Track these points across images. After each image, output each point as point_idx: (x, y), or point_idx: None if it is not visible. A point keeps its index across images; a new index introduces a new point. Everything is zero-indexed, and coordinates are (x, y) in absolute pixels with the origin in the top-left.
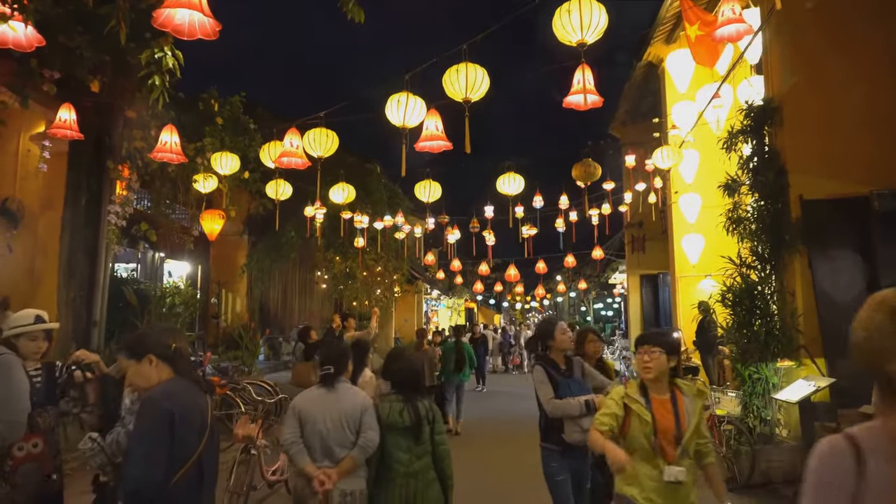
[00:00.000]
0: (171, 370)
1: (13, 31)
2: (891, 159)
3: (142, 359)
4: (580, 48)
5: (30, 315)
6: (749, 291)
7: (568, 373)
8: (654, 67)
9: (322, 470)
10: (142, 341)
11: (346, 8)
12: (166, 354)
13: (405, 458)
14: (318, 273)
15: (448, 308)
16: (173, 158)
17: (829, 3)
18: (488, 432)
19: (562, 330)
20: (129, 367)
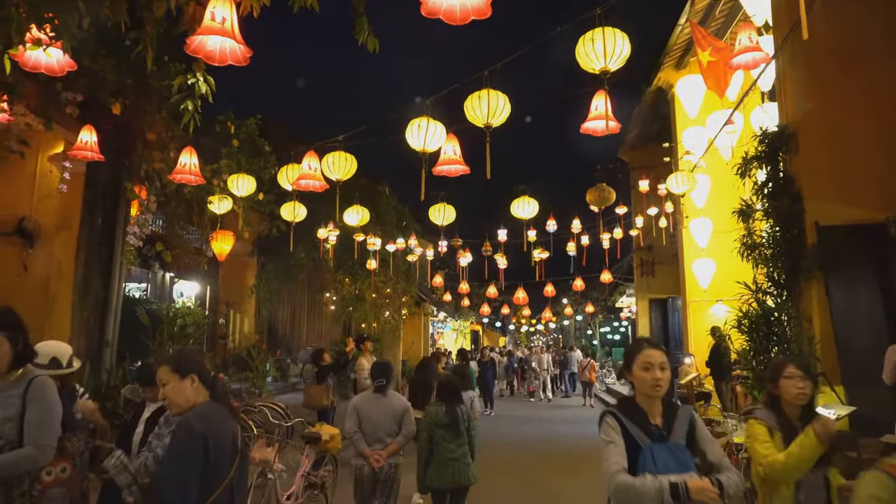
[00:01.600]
0: (208, 394)
1: (48, 56)
2: None
3: (185, 377)
4: (603, 76)
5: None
6: (766, 317)
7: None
8: (663, 92)
9: (376, 451)
10: (188, 359)
11: (361, 37)
12: (207, 378)
13: (450, 447)
14: (328, 294)
15: (454, 330)
16: (192, 180)
17: (842, 29)
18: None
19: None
20: (169, 381)
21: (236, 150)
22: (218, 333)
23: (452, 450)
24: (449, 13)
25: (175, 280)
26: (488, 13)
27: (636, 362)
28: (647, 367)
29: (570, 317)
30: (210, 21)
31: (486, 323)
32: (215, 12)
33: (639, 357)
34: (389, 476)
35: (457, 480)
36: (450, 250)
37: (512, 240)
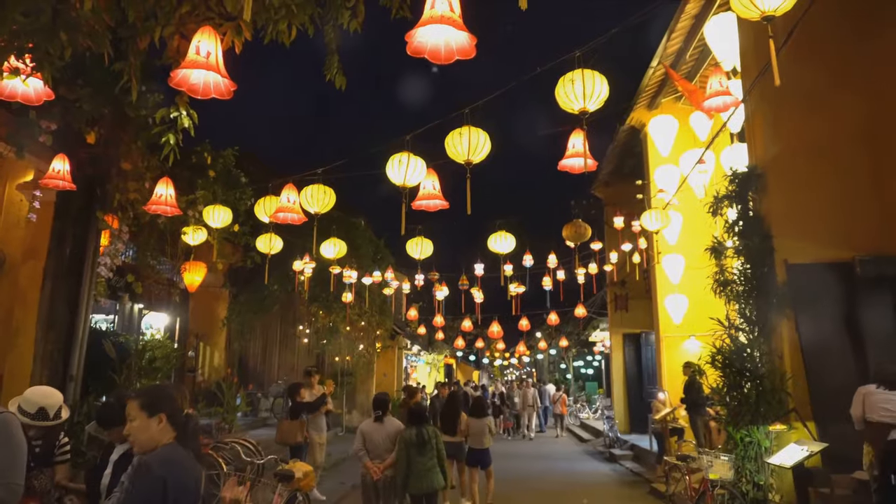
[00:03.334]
0: (176, 435)
1: (25, 85)
2: (873, 226)
3: (153, 415)
4: (582, 116)
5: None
6: (738, 353)
7: None
8: (636, 131)
9: (376, 464)
10: (159, 397)
11: (330, 74)
12: (177, 419)
13: (423, 460)
14: (301, 327)
15: (427, 364)
16: (167, 211)
17: (806, 75)
18: None
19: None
20: (136, 418)
21: (212, 181)
22: (186, 367)
23: (424, 462)
24: (434, 53)
25: (144, 312)
26: (473, 54)
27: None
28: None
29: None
30: (195, 55)
31: (460, 356)
32: (200, 46)
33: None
34: (387, 483)
35: (430, 486)
36: (426, 284)
37: (489, 274)
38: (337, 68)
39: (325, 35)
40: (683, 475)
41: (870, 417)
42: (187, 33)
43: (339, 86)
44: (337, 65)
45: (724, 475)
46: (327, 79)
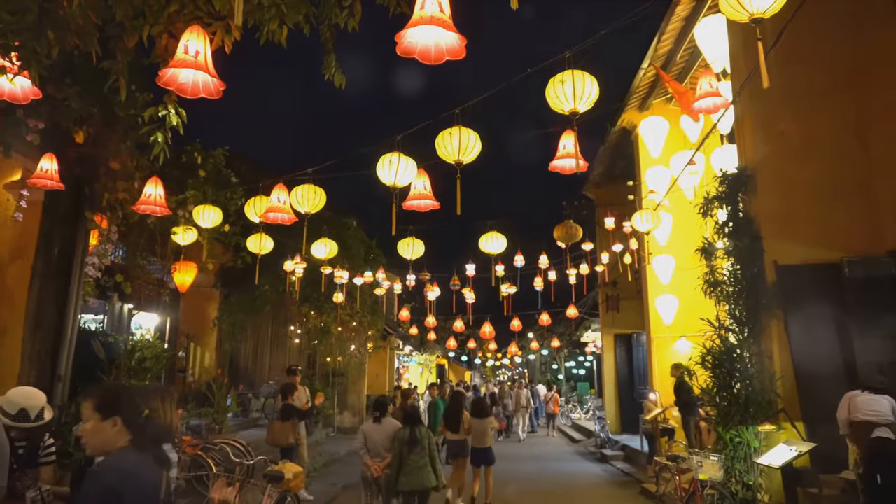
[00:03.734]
0: (130, 439)
1: (12, 84)
2: (861, 227)
3: (107, 418)
4: (572, 116)
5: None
6: (728, 354)
7: None
8: (627, 133)
9: (376, 462)
10: (115, 399)
11: (328, 73)
12: (134, 421)
13: (415, 459)
14: (292, 328)
15: (419, 364)
16: (157, 211)
17: (796, 78)
18: None
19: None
20: (89, 419)
21: (203, 180)
22: (176, 367)
23: (416, 460)
24: (424, 53)
25: (134, 312)
26: (463, 54)
27: None
28: None
29: (535, 351)
30: (183, 54)
31: (452, 357)
32: (189, 45)
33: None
34: (388, 481)
35: (421, 484)
36: (418, 284)
37: (480, 274)
38: (335, 67)
39: (320, 34)
40: (673, 475)
41: (854, 417)
42: (176, 32)
43: (338, 84)
44: (335, 64)
45: (714, 475)
46: (326, 78)
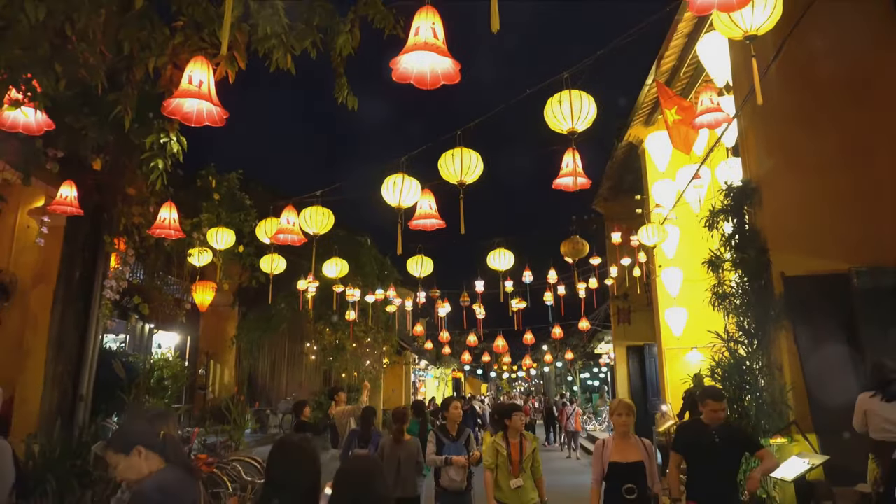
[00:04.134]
0: (161, 459)
1: (25, 115)
2: (868, 237)
3: (129, 452)
4: (571, 136)
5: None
6: (738, 366)
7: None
8: (634, 147)
9: None
10: (127, 435)
11: (340, 96)
12: (154, 444)
13: None
14: (308, 345)
15: (435, 378)
16: (171, 234)
17: (798, 91)
18: None
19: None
20: (118, 463)
21: (217, 203)
22: (197, 385)
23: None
24: (419, 79)
25: (154, 331)
26: (457, 79)
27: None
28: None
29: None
30: (187, 84)
31: (468, 370)
32: (192, 76)
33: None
34: None
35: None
36: (429, 300)
37: (489, 290)
38: (347, 90)
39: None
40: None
41: (873, 435)
42: (180, 63)
43: (351, 106)
44: (346, 87)
45: None
46: (339, 101)
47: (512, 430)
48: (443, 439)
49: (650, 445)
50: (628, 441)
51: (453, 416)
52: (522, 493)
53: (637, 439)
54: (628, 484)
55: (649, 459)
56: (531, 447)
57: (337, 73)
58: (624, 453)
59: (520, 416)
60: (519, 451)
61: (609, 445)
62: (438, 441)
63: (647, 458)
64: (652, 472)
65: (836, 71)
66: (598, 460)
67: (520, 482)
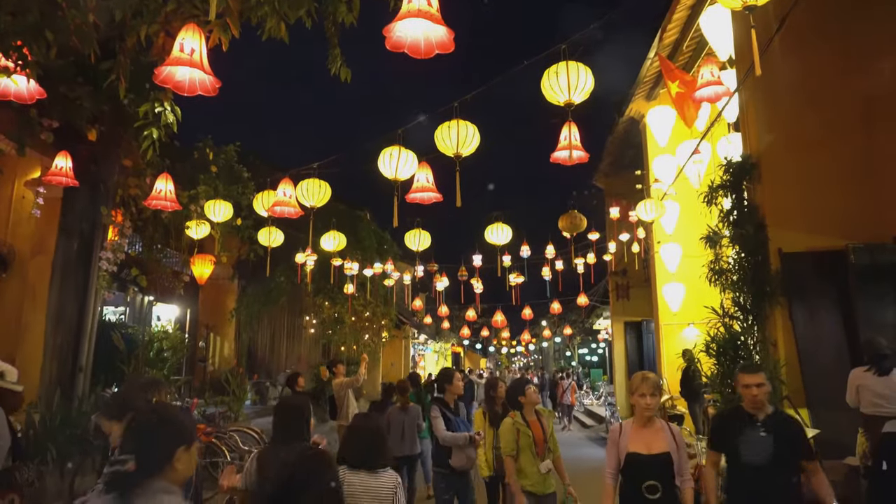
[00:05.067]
0: None
1: (15, 84)
2: (867, 214)
3: (123, 418)
4: (567, 108)
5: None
6: (732, 341)
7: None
8: (635, 122)
9: None
10: (122, 402)
11: (334, 67)
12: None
13: None
14: (307, 318)
15: (435, 352)
16: (167, 206)
17: (800, 64)
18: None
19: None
20: (113, 429)
21: (214, 176)
22: (197, 357)
23: None
24: (413, 47)
25: (154, 304)
26: (451, 47)
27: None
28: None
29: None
30: (179, 52)
31: (467, 345)
32: (184, 44)
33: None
34: None
35: None
36: (427, 275)
37: (487, 265)
38: (341, 61)
39: (325, 29)
40: None
41: (864, 410)
42: (172, 31)
43: (344, 78)
44: (340, 58)
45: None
46: (333, 73)
47: (528, 406)
48: (448, 414)
49: (679, 432)
50: (652, 426)
51: (457, 389)
52: (548, 476)
53: (664, 424)
54: (650, 481)
55: (678, 450)
56: (550, 424)
57: (331, 44)
58: (646, 442)
59: (534, 390)
60: (542, 430)
61: (627, 432)
62: (445, 417)
63: (676, 448)
64: (681, 467)
65: (839, 45)
66: (612, 450)
67: (549, 464)
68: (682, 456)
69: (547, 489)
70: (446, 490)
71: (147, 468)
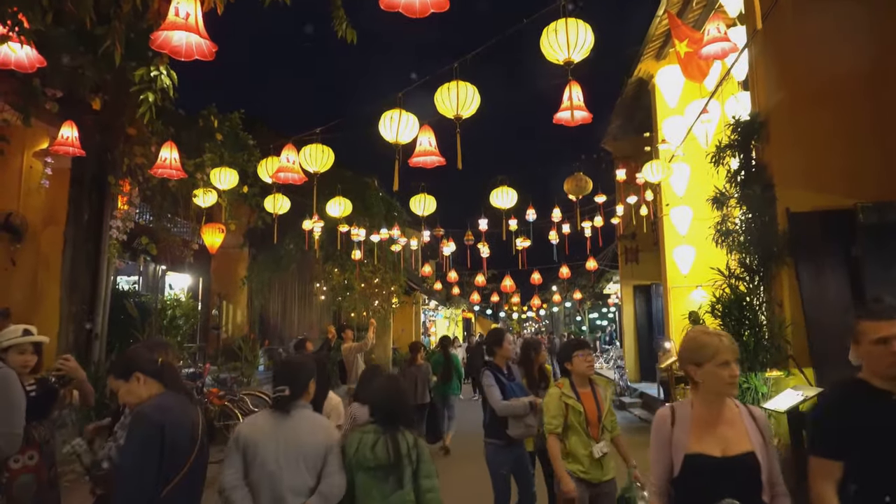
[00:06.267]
0: (160, 384)
1: (13, 52)
2: (875, 172)
3: (129, 378)
4: (567, 66)
5: (17, 329)
6: (738, 302)
7: (510, 377)
8: (644, 83)
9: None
10: (127, 361)
11: (339, 29)
12: (153, 370)
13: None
14: (317, 285)
15: (446, 318)
16: (173, 174)
17: (809, 21)
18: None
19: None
20: (119, 388)
21: (219, 143)
22: (210, 324)
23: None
24: (408, 6)
25: (166, 273)
26: (446, 6)
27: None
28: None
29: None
30: (174, 17)
31: (478, 311)
32: (179, 8)
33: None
34: None
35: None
36: (434, 241)
37: (493, 229)
38: (346, 23)
39: None
40: None
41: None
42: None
43: (350, 40)
44: (345, 19)
45: None
46: (339, 35)
47: (578, 376)
48: (503, 380)
49: (764, 420)
50: (723, 413)
51: (506, 353)
52: (605, 460)
53: (743, 410)
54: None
55: (765, 447)
56: (608, 397)
57: (335, 6)
58: (718, 438)
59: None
60: (595, 405)
61: (685, 421)
62: (499, 383)
63: (763, 444)
64: (772, 473)
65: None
66: (661, 448)
67: (605, 447)
68: (772, 456)
69: (604, 475)
70: (503, 464)
71: (295, 393)
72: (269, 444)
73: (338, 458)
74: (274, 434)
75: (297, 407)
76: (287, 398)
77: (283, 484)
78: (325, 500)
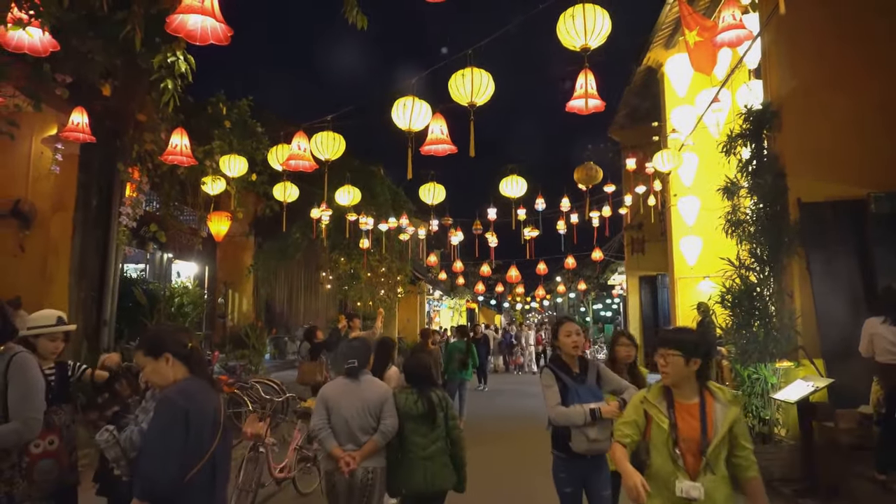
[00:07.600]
0: (187, 369)
1: (30, 36)
2: (888, 162)
3: (159, 357)
4: (584, 53)
5: (51, 316)
6: (748, 293)
7: (581, 377)
8: (653, 72)
9: (347, 452)
10: (159, 339)
11: (350, 15)
12: (182, 353)
13: (422, 443)
14: (324, 274)
15: (450, 308)
16: (183, 161)
17: (824, 9)
18: (491, 430)
19: (566, 332)
20: (146, 365)
21: (228, 131)
22: (217, 312)
23: (424, 445)
24: None
25: (173, 260)
26: None
27: (560, 332)
28: (568, 334)
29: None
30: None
31: (482, 301)
32: None
33: (561, 328)
34: (366, 483)
35: (430, 483)
36: (441, 229)
37: (502, 219)
38: (357, 8)
39: None
40: None
41: (878, 358)
42: None
43: (360, 26)
44: (356, 5)
45: None
46: (350, 21)
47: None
48: (566, 380)
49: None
50: None
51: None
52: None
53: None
54: None
55: None
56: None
57: None
58: None
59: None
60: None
61: None
62: (560, 382)
63: None
64: None
65: None
66: None
67: (699, 489)
68: None
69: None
70: (567, 481)
71: (362, 365)
72: (343, 400)
73: (392, 407)
74: (347, 392)
75: (362, 373)
76: (356, 368)
77: (355, 425)
78: (384, 436)
